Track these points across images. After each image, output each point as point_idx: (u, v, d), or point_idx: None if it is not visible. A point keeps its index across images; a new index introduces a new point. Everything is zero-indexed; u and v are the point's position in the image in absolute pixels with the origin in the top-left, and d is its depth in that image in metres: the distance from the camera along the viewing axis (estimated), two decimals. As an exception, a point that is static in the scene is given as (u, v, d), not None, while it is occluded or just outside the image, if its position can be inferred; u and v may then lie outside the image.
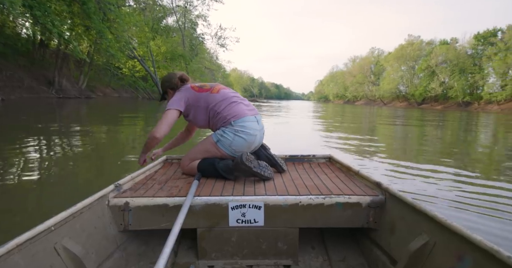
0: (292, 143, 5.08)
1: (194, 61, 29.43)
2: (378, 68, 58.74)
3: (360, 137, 6.29)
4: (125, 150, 4.02)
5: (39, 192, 2.24)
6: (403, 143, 6.01)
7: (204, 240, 1.19)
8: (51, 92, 17.47)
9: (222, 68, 41.96)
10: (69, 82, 20.31)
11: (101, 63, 22.70)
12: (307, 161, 1.90)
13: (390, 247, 1.09)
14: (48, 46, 20.80)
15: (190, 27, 32.86)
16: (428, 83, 42.30)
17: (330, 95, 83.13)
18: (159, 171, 1.66)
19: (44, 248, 0.83)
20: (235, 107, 1.54)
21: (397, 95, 51.14)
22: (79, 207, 0.99)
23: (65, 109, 10.97)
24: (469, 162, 4.04)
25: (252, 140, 1.51)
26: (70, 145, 4.09)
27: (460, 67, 38.31)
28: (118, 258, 1.14)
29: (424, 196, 2.30)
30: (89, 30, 13.87)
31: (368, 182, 1.36)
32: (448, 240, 0.84)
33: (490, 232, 1.71)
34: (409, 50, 48.17)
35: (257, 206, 1.16)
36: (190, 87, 1.61)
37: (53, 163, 3.07)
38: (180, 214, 1.00)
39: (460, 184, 2.72)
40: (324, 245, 1.35)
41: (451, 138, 7.12)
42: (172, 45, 26.92)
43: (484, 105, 34.50)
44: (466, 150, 5.24)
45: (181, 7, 29.98)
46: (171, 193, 1.24)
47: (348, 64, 72.02)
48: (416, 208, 0.99)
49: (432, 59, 41.96)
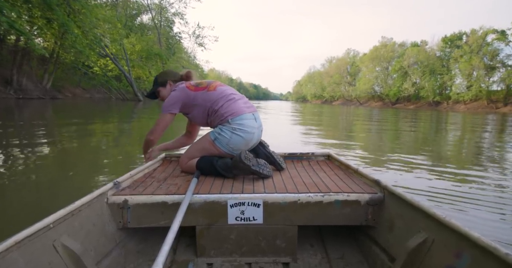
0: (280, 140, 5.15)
1: (171, 60, 28.51)
2: (354, 68, 60.31)
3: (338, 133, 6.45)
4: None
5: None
6: (381, 139, 6.18)
7: (203, 238, 1.20)
8: (9, 92, 15.83)
9: (200, 68, 41.11)
10: (31, 81, 18.50)
11: (69, 61, 20.96)
12: (306, 159, 1.90)
13: (388, 244, 1.09)
14: (4, 41, 18.44)
15: (166, 26, 31.85)
16: (402, 83, 43.98)
17: (308, 95, 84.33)
18: (158, 169, 1.66)
19: (42, 245, 0.84)
20: (232, 104, 1.52)
21: (372, 95, 52.74)
22: (77, 204, 0.99)
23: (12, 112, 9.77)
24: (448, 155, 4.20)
25: (249, 138, 1.50)
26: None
27: (430, 68, 40.17)
28: (117, 255, 1.13)
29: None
30: (51, 23, 12.40)
31: (367, 179, 1.36)
32: (446, 237, 0.84)
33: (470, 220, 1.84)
34: (383, 51, 49.82)
35: (256, 204, 1.16)
36: (186, 87, 1.57)
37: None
38: (179, 212, 0.99)
39: (433, 174, 2.99)
40: (322, 243, 1.35)
41: (423, 135, 7.40)
42: (147, 44, 25.84)
43: (453, 105, 36.42)
44: (438, 146, 5.50)
45: (157, 5, 28.93)
46: (170, 191, 1.23)
47: (325, 64, 73.48)
48: (414, 206, 0.99)
49: (404, 60, 43.65)
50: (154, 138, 1.60)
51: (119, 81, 26.08)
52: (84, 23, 13.27)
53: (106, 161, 3.32)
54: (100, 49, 19.54)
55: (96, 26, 14.96)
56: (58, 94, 20.71)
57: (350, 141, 5.69)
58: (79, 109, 12.36)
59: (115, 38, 20.14)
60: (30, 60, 18.57)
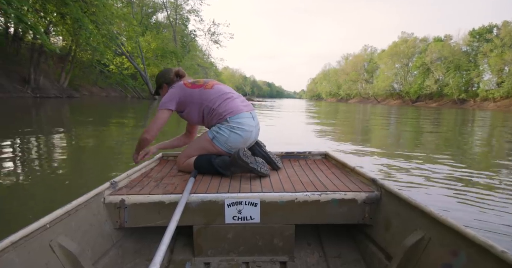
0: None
1: (186, 58, 28.19)
2: (372, 65, 58.80)
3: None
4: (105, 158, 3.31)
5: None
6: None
7: (200, 237, 1.19)
8: (26, 91, 15.63)
9: (214, 66, 40.82)
10: (48, 80, 18.37)
11: (86, 59, 20.77)
12: (303, 158, 1.90)
13: (385, 243, 1.10)
14: (23, 39, 18.29)
15: (181, 23, 31.62)
16: (423, 80, 42.11)
17: (323, 93, 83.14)
18: (155, 169, 1.65)
19: (39, 245, 0.83)
20: (230, 103, 1.52)
21: (391, 93, 51.05)
22: (74, 204, 0.98)
23: (27, 112, 9.43)
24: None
25: (248, 136, 1.50)
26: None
27: (455, 64, 38.19)
28: (114, 255, 1.13)
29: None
30: (65, 18, 11.88)
31: (364, 178, 1.35)
32: (443, 235, 0.85)
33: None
34: (403, 47, 48.06)
35: (253, 203, 1.16)
36: (183, 84, 1.58)
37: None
38: (176, 211, 0.99)
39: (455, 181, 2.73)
40: (320, 242, 1.34)
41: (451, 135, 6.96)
42: (163, 41, 25.53)
43: (480, 103, 34.35)
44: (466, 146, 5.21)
45: (172, 3, 28.67)
46: (167, 190, 1.23)
47: (341, 61, 72.06)
48: (411, 204, 0.99)
49: (427, 56, 41.81)
50: (150, 137, 1.53)
51: (134, 79, 25.93)
52: (97, 16, 12.62)
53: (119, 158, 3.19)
54: (116, 47, 19.25)
55: (110, 20, 14.34)
56: (75, 93, 20.62)
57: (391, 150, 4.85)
58: (96, 108, 12.20)
59: (130, 36, 19.81)
60: (47, 59, 18.46)
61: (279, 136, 5.45)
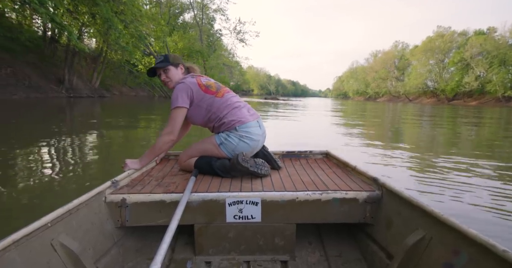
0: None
1: (212, 57, 28.19)
2: (403, 62, 56.00)
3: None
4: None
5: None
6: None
7: (201, 236, 1.19)
8: (61, 91, 16.27)
9: (239, 65, 40.73)
10: (81, 80, 19.10)
11: (116, 59, 21.38)
12: (304, 157, 1.89)
13: (386, 242, 1.09)
14: (58, 41, 19.13)
15: (207, 23, 31.76)
16: (462, 77, 39.05)
17: (349, 92, 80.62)
18: (156, 168, 1.65)
19: (41, 244, 0.83)
20: (238, 112, 1.53)
21: (424, 91, 48.05)
22: (75, 203, 0.98)
23: (62, 111, 9.66)
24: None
25: (255, 145, 1.53)
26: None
27: (500, 59, 35.02)
28: (115, 254, 1.12)
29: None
30: (95, 18, 12.11)
31: (365, 177, 1.34)
32: (444, 235, 0.84)
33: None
34: (439, 42, 44.99)
35: (254, 202, 1.16)
36: (197, 83, 1.54)
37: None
38: (177, 210, 0.98)
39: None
40: (321, 241, 1.34)
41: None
42: (189, 41, 25.72)
43: (530, 100, 31.09)
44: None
45: (198, 3, 28.84)
46: (168, 189, 1.22)
47: (369, 59, 69.24)
48: (412, 203, 0.98)
49: (466, 51, 38.77)
50: (174, 137, 1.49)
51: (162, 79, 26.34)
52: (125, 15, 12.73)
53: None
54: (144, 47, 19.58)
55: (138, 19, 14.46)
56: (106, 93, 21.30)
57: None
58: (126, 107, 12.44)
59: (158, 35, 20.05)
60: (80, 60, 19.16)
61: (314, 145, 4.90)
